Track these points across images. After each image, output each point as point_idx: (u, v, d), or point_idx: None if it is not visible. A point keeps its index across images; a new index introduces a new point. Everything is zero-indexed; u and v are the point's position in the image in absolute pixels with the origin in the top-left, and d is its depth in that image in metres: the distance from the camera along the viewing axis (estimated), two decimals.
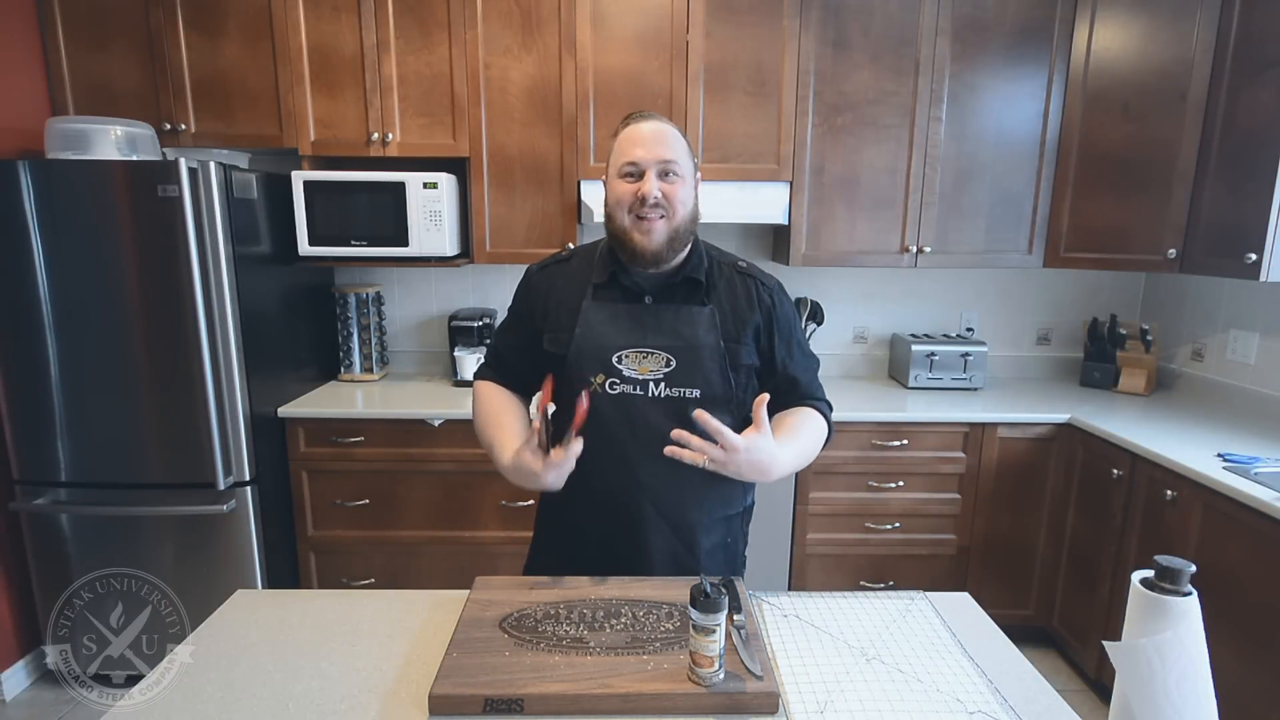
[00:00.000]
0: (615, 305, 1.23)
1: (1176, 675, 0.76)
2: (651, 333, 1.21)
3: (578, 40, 2.39)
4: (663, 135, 1.18)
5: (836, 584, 2.49)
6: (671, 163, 1.17)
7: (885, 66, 2.44)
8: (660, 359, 1.20)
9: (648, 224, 1.17)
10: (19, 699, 2.29)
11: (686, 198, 1.20)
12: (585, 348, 1.21)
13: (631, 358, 1.20)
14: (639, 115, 1.22)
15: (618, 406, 1.20)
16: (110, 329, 2.12)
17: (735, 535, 1.32)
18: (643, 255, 1.19)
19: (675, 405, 1.19)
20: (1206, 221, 2.22)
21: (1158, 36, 2.28)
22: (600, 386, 1.20)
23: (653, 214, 1.17)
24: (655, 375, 1.19)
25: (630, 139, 1.19)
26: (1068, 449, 2.37)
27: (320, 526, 2.44)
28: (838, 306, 2.90)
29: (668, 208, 1.17)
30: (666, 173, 1.17)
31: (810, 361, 1.31)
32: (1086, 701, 2.28)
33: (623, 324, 1.22)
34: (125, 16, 2.36)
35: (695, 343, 1.20)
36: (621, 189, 1.19)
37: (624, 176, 1.19)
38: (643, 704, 0.89)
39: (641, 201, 1.16)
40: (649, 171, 1.17)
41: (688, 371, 1.19)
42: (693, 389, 1.19)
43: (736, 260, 1.31)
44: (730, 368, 1.21)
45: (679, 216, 1.19)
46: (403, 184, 2.37)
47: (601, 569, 1.18)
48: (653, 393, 1.19)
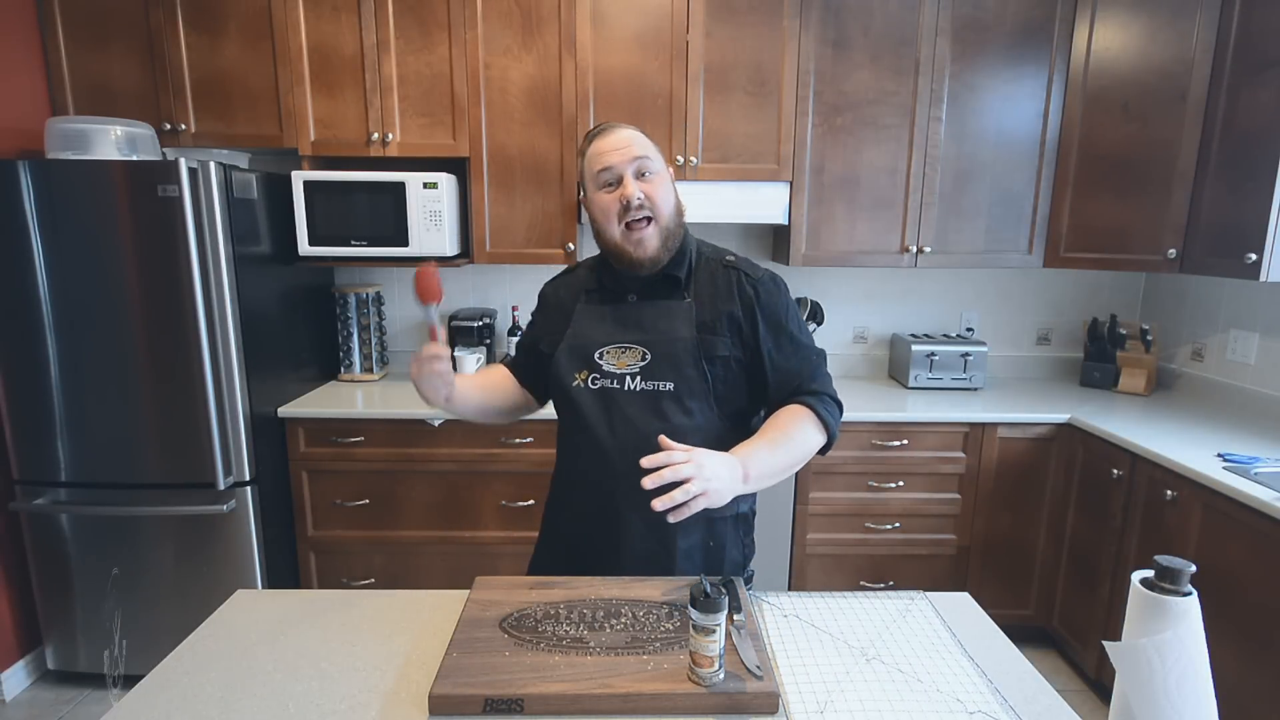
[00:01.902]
0: (603, 306, 1.27)
1: (1176, 675, 0.76)
2: (631, 329, 1.24)
3: (578, 40, 2.39)
4: (629, 138, 1.20)
5: (836, 584, 2.49)
6: (645, 159, 1.18)
7: (885, 66, 2.44)
8: (637, 353, 1.22)
9: (638, 233, 1.18)
10: (19, 699, 2.29)
11: (667, 195, 1.21)
12: (572, 346, 1.25)
13: (611, 353, 1.23)
14: (601, 128, 1.23)
15: (598, 400, 1.22)
16: (110, 329, 2.12)
17: (721, 539, 1.29)
18: (640, 265, 1.21)
19: (650, 398, 1.20)
20: (1206, 221, 2.22)
21: (1158, 36, 2.28)
22: (584, 382, 1.23)
23: (639, 218, 1.17)
24: (632, 369, 1.21)
25: (598, 150, 1.20)
26: (1068, 449, 2.37)
27: (320, 526, 2.44)
28: (838, 306, 2.90)
29: (652, 209, 1.18)
30: (643, 172, 1.18)
31: (806, 352, 1.27)
32: (1086, 701, 2.28)
33: (607, 323, 1.26)
34: (125, 16, 2.36)
35: (670, 336, 1.22)
36: (604, 200, 1.19)
37: (603, 187, 1.20)
38: (643, 704, 0.88)
39: (626, 207, 1.17)
40: (626, 174, 1.17)
41: (662, 365, 1.21)
42: (666, 381, 1.20)
43: (726, 255, 1.31)
44: (705, 359, 1.21)
45: (664, 216, 1.20)
46: (403, 184, 2.37)
47: (582, 563, 1.20)
48: (629, 386, 1.21)
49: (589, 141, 1.23)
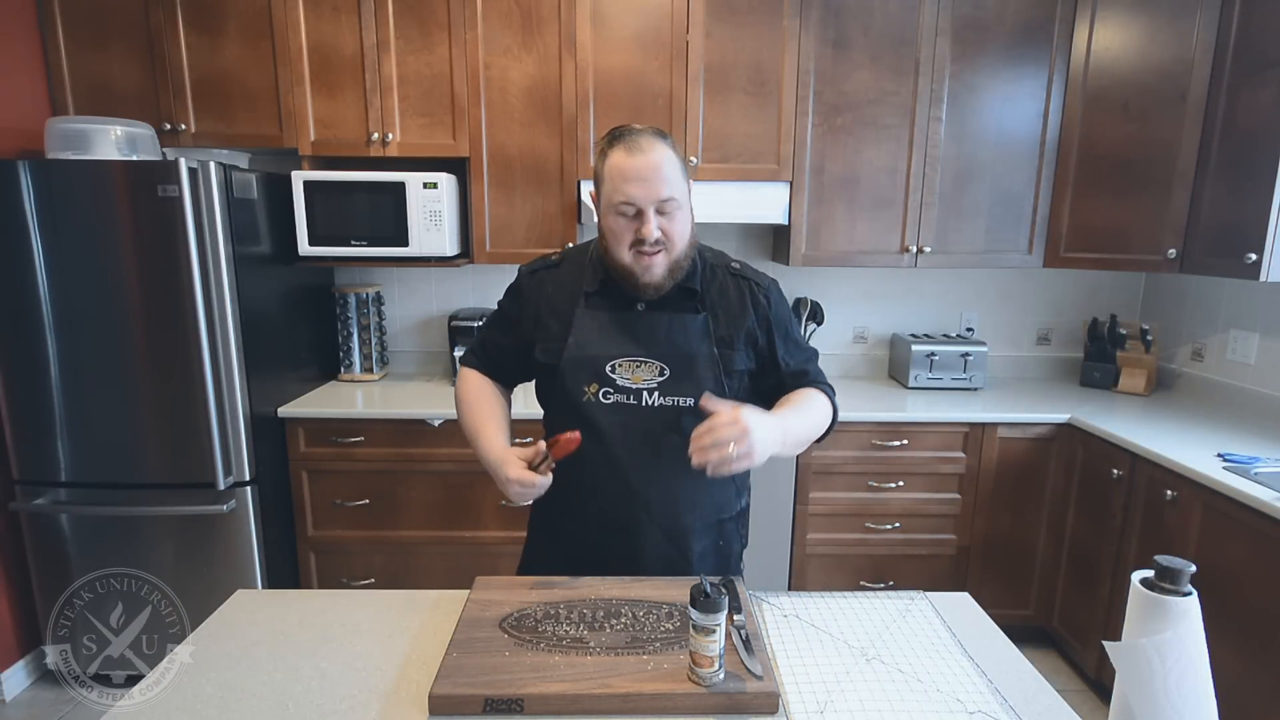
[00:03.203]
0: (608, 313, 1.22)
1: (1176, 675, 0.76)
2: (645, 341, 1.20)
3: (578, 40, 2.39)
4: (658, 168, 1.10)
5: (836, 584, 2.49)
6: (670, 200, 1.12)
7: (885, 66, 2.44)
8: (654, 368, 1.19)
9: (648, 260, 1.15)
10: (19, 699, 2.29)
11: (685, 226, 1.16)
12: (579, 357, 1.20)
13: (625, 366, 1.20)
14: (627, 136, 1.13)
15: (612, 415, 1.19)
16: (110, 329, 2.12)
17: (729, 538, 1.31)
18: (645, 289, 1.18)
19: (670, 414, 1.19)
20: (1206, 221, 2.22)
21: (1158, 36, 2.28)
22: (594, 395, 1.19)
23: (653, 249, 1.14)
24: (649, 384, 1.19)
25: (623, 173, 1.11)
26: (1068, 449, 2.37)
27: (320, 526, 2.44)
28: (838, 306, 2.90)
29: (668, 242, 1.15)
30: (666, 211, 1.13)
31: (809, 352, 1.32)
32: (1086, 701, 2.28)
33: (615, 333, 1.21)
34: (125, 16, 2.36)
35: (689, 351, 1.20)
36: (619, 225, 1.14)
37: (620, 214, 1.14)
38: (643, 704, 0.88)
39: (641, 240, 1.13)
40: (648, 212, 1.12)
41: (681, 380, 1.19)
42: (686, 397, 1.19)
43: (730, 261, 1.30)
44: (725, 374, 1.21)
45: (678, 249, 1.16)
46: (403, 184, 2.37)
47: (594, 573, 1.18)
48: (647, 401, 1.19)
49: (612, 146, 1.14)
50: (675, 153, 1.15)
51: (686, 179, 1.17)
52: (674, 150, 1.15)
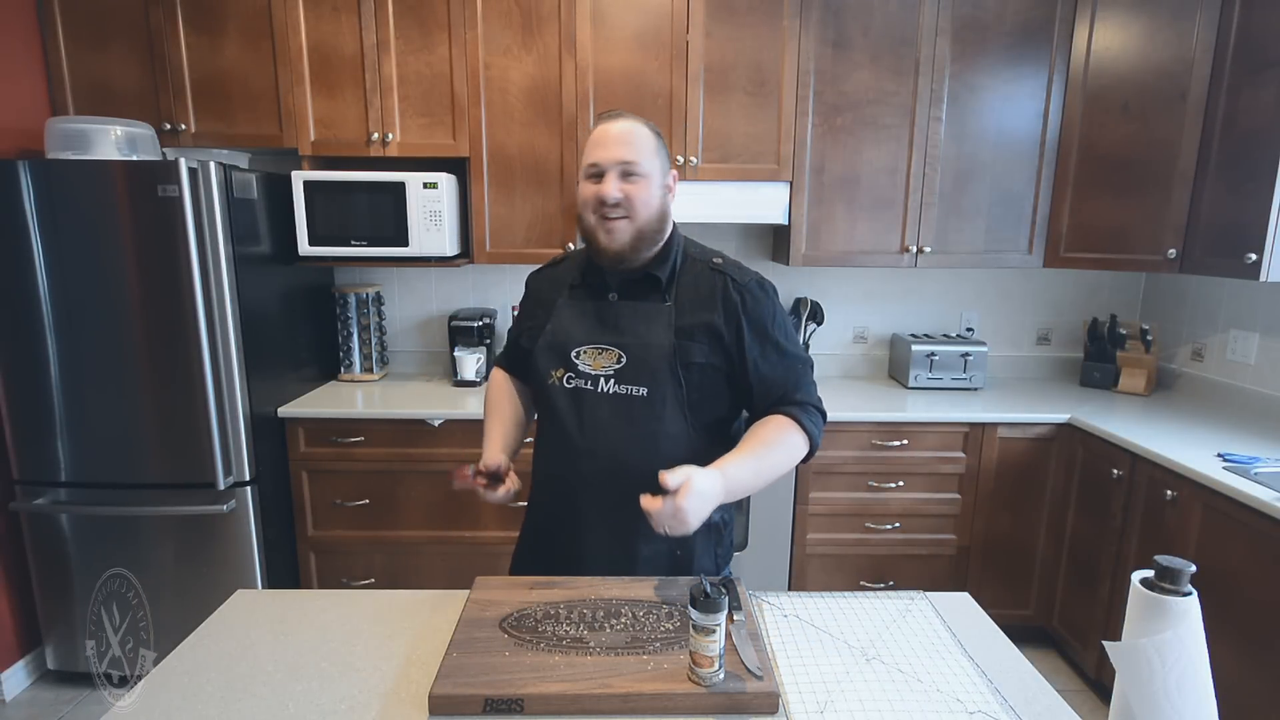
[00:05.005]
0: (584, 303, 1.26)
1: (1176, 675, 0.76)
2: (610, 329, 1.22)
3: (578, 40, 2.39)
4: (627, 135, 1.18)
5: (836, 584, 2.49)
6: (631, 164, 1.17)
7: (885, 66, 2.44)
8: (613, 355, 1.21)
9: (610, 224, 1.18)
10: (19, 699, 2.29)
11: (649, 198, 1.19)
12: (551, 343, 1.25)
13: (588, 353, 1.22)
14: (610, 115, 1.22)
15: (571, 400, 1.22)
16: (110, 329, 2.12)
17: (690, 548, 1.25)
18: (606, 254, 1.20)
19: (622, 402, 1.19)
20: (1206, 221, 2.22)
21: (1158, 36, 2.28)
22: (559, 380, 1.23)
23: (615, 214, 1.17)
24: (606, 371, 1.21)
25: (596, 140, 1.19)
26: (1068, 449, 2.37)
27: (320, 526, 2.44)
28: (838, 306, 2.90)
29: (629, 208, 1.17)
30: (628, 174, 1.17)
31: (791, 361, 1.24)
32: (1086, 701, 2.28)
33: (587, 321, 1.24)
34: (125, 16, 2.36)
35: (647, 340, 1.20)
36: (586, 190, 1.20)
37: (589, 178, 1.20)
38: (643, 704, 0.89)
39: (602, 202, 1.17)
40: (609, 173, 1.17)
41: (636, 369, 1.19)
42: (640, 387, 1.19)
43: (713, 257, 1.27)
44: (681, 366, 1.19)
45: (642, 218, 1.18)
46: (403, 184, 2.37)
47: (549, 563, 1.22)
48: (602, 388, 1.20)
49: (596, 123, 1.23)
50: (652, 133, 1.21)
51: (661, 159, 1.21)
52: (651, 131, 1.21)
